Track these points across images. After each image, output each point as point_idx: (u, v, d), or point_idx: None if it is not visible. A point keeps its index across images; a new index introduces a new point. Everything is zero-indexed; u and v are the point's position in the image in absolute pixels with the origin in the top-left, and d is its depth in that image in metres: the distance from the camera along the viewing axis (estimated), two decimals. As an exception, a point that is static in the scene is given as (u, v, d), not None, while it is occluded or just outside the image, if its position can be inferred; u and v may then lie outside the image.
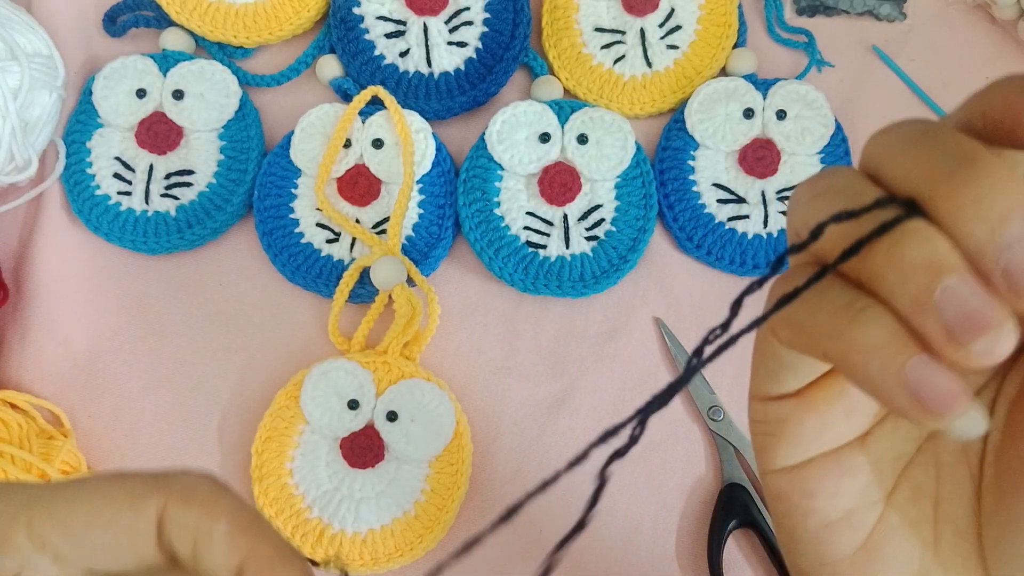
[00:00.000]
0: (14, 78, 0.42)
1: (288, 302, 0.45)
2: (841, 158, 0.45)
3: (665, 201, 0.45)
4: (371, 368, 0.42)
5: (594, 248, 0.44)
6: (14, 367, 0.44)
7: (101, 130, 0.46)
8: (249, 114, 0.46)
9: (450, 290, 0.45)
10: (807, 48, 0.48)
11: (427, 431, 0.41)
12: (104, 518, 0.22)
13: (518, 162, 0.44)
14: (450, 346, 0.45)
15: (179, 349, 0.45)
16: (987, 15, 0.49)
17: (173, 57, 0.46)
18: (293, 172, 0.45)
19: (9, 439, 0.40)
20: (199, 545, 0.23)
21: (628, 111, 0.47)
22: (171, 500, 0.23)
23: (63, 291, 0.45)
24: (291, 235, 0.44)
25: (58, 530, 0.22)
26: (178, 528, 0.23)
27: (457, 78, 0.46)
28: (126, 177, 0.45)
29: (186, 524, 0.22)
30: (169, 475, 0.23)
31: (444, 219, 0.45)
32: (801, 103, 0.45)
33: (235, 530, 0.23)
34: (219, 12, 0.47)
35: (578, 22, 0.47)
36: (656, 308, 0.45)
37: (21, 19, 0.44)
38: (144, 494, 0.23)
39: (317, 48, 0.48)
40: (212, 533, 0.22)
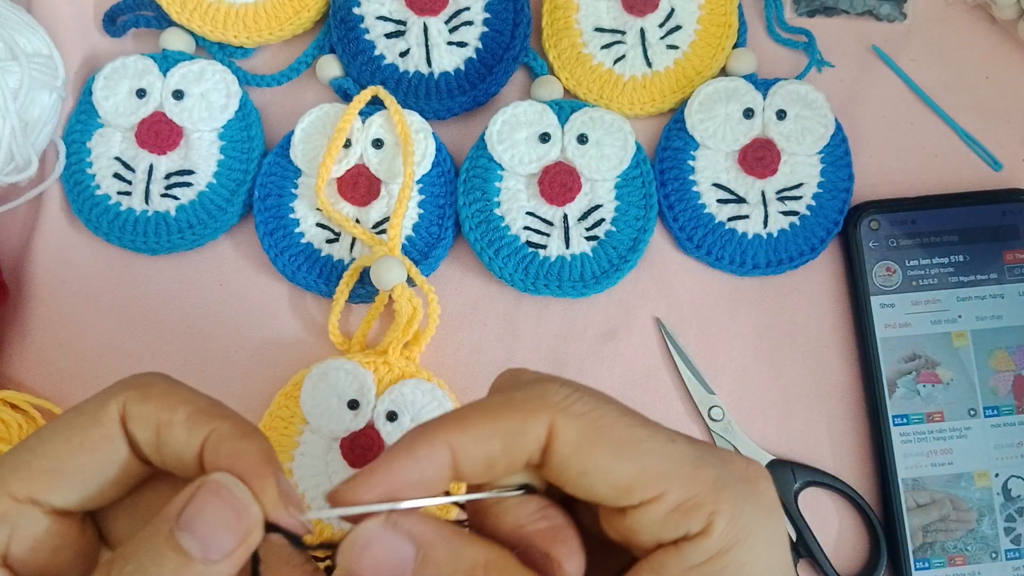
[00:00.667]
0: (14, 78, 0.42)
1: (288, 302, 0.45)
2: (841, 158, 0.45)
3: (665, 201, 0.45)
4: (371, 368, 0.42)
5: (594, 248, 0.44)
6: (14, 367, 0.45)
7: (101, 130, 0.46)
8: (249, 114, 0.46)
9: (450, 290, 0.45)
10: (807, 48, 0.48)
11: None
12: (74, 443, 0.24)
13: (518, 162, 0.44)
14: (450, 346, 0.45)
15: (179, 349, 0.45)
16: (987, 15, 0.49)
17: (173, 57, 0.46)
18: (293, 172, 0.45)
19: (9, 439, 0.40)
20: (161, 433, 0.24)
21: (628, 111, 0.47)
22: (129, 399, 0.24)
23: (63, 291, 0.45)
24: (291, 235, 0.44)
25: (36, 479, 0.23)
26: (140, 422, 0.24)
27: (457, 78, 0.46)
28: (126, 177, 0.45)
29: (147, 417, 0.24)
30: (124, 380, 0.24)
31: (444, 219, 0.45)
32: (801, 103, 0.45)
33: (194, 414, 0.24)
34: (219, 12, 0.47)
35: (578, 22, 0.47)
36: (656, 308, 0.45)
37: (21, 19, 0.44)
38: (102, 403, 0.24)
39: (317, 48, 0.48)
40: (172, 421, 0.24)
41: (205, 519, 0.22)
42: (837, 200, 0.45)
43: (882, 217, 0.45)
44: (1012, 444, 0.42)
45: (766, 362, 0.44)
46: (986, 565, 0.42)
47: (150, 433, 0.24)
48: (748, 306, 0.45)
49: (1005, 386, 0.43)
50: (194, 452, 0.24)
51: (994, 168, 0.47)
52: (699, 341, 0.45)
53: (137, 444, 0.24)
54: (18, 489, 0.23)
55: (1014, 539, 0.42)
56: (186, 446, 0.24)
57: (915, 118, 0.47)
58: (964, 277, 0.44)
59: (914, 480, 0.42)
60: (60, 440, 0.24)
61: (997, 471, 0.42)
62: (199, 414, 0.24)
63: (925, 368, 0.43)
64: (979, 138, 0.47)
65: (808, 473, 0.43)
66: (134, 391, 0.24)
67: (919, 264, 0.44)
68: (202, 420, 0.24)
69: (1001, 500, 0.42)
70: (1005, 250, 0.44)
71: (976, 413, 0.43)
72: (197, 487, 0.22)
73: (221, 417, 0.24)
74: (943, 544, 0.42)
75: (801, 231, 0.45)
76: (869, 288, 0.44)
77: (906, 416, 0.43)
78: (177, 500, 0.22)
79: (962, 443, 0.42)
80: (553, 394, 0.23)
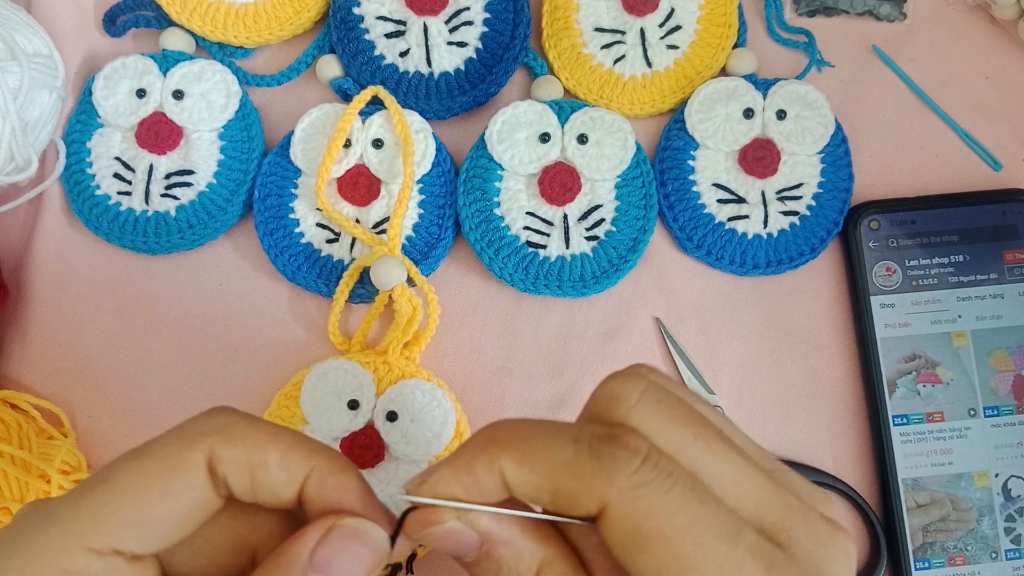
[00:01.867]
0: (14, 78, 0.42)
1: (288, 302, 0.45)
2: (841, 158, 0.45)
3: (665, 201, 0.45)
4: (371, 368, 0.42)
5: (594, 248, 0.44)
6: (14, 367, 0.45)
7: (101, 130, 0.46)
8: (249, 114, 0.46)
9: (450, 290, 0.45)
10: (807, 48, 0.48)
11: (427, 431, 0.41)
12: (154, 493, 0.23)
13: (518, 162, 0.44)
14: (450, 346, 0.45)
15: (179, 349, 0.45)
16: (987, 15, 0.49)
17: (173, 57, 0.46)
18: (293, 172, 0.45)
19: (9, 439, 0.40)
20: (256, 475, 0.24)
21: (628, 111, 0.47)
22: (215, 444, 0.23)
23: (63, 291, 0.45)
24: (291, 235, 0.44)
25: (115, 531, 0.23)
26: (232, 467, 0.23)
27: (457, 78, 0.46)
28: (126, 177, 0.45)
29: (238, 461, 0.23)
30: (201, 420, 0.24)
31: (444, 219, 0.45)
32: (801, 103, 0.45)
33: (287, 453, 0.24)
34: (219, 12, 0.47)
35: (578, 22, 0.47)
36: (656, 308, 0.45)
37: (21, 19, 0.44)
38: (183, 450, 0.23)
39: (317, 48, 0.48)
40: (266, 462, 0.24)
41: (343, 562, 0.23)
42: (837, 200, 0.45)
43: (882, 217, 0.45)
44: (1012, 444, 0.42)
45: (766, 362, 0.44)
46: (986, 565, 0.42)
47: (244, 476, 0.24)
48: (748, 306, 0.45)
49: (1005, 386, 0.43)
50: (293, 491, 0.24)
51: (994, 168, 0.47)
52: (699, 341, 0.45)
53: (228, 486, 0.24)
54: (96, 542, 0.23)
55: (1014, 539, 0.42)
56: (285, 485, 0.24)
57: (915, 118, 0.47)
58: (964, 277, 0.44)
59: (914, 480, 0.42)
60: (139, 490, 0.23)
61: (997, 471, 0.42)
62: (291, 452, 0.24)
63: (925, 368, 0.43)
64: (979, 138, 0.47)
65: (808, 473, 0.43)
66: (217, 436, 0.24)
67: (919, 264, 0.44)
68: (297, 458, 0.24)
69: (1001, 500, 0.42)
70: (1005, 250, 0.44)
71: (976, 413, 0.43)
72: (328, 529, 0.23)
73: (315, 452, 0.24)
74: (943, 544, 0.42)
75: (801, 231, 0.45)
76: (869, 288, 0.44)
77: (906, 416, 0.43)
78: (305, 541, 0.23)
79: (962, 443, 0.42)
80: (621, 471, 0.22)
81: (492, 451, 0.23)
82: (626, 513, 0.21)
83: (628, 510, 0.21)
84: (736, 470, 0.23)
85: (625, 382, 0.24)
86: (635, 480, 0.21)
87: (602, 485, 0.22)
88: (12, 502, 0.39)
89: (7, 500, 0.39)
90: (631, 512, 0.21)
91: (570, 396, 0.44)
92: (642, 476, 0.22)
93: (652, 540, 0.21)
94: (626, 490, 0.21)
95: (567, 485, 0.22)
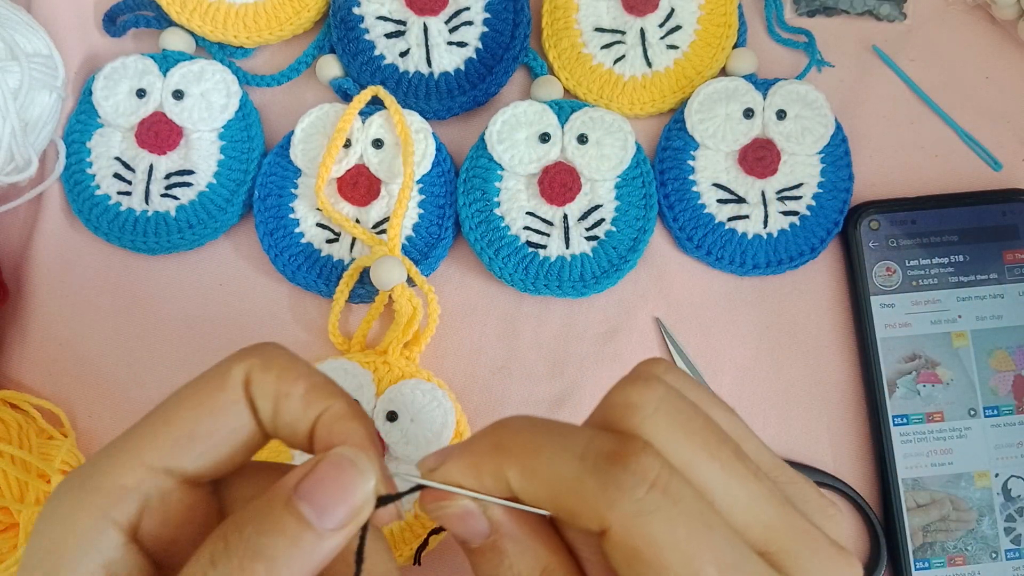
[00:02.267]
0: (14, 78, 0.42)
1: (288, 302, 0.45)
2: (841, 158, 0.45)
3: (665, 201, 0.45)
4: (371, 368, 0.42)
5: (594, 248, 0.44)
6: (14, 367, 0.45)
7: (101, 130, 0.46)
8: (249, 114, 0.46)
9: (450, 290, 0.45)
10: (807, 48, 0.48)
11: (427, 431, 0.41)
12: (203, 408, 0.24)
13: (518, 162, 0.44)
14: (450, 346, 0.45)
15: (179, 349, 0.45)
16: (987, 15, 0.49)
17: (173, 57, 0.46)
18: (293, 172, 0.45)
19: (9, 439, 0.40)
20: (279, 404, 0.25)
21: (628, 111, 0.47)
22: (253, 366, 0.25)
23: (63, 291, 0.45)
24: (291, 235, 0.44)
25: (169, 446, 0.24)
26: (261, 390, 0.24)
27: (457, 78, 0.46)
28: (126, 177, 0.45)
29: (268, 386, 0.24)
30: (248, 348, 0.25)
31: (444, 219, 0.45)
32: (801, 103, 0.45)
33: (311, 390, 0.25)
34: (219, 12, 0.47)
35: (578, 22, 0.47)
36: (656, 308, 0.45)
37: (21, 19, 0.44)
38: (227, 368, 0.25)
39: (317, 48, 0.48)
40: (291, 393, 0.24)
41: (324, 489, 0.23)
42: (837, 200, 0.45)
43: (882, 217, 0.45)
44: (1012, 444, 0.42)
45: (766, 362, 0.44)
46: (986, 565, 0.42)
47: (269, 402, 0.25)
48: (748, 306, 0.45)
49: (1005, 386, 0.43)
50: (307, 426, 0.25)
51: (994, 168, 0.47)
52: (699, 341, 0.45)
53: (256, 411, 0.25)
54: (152, 458, 0.24)
55: (1014, 539, 0.42)
56: (301, 419, 0.25)
57: (915, 118, 0.47)
58: (964, 277, 0.44)
59: (914, 480, 0.42)
60: (189, 407, 0.24)
61: (997, 471, 0.42)
62: (316, 390, 0.25)
63: (925, 368, 0.43)
64: (979, 138, 0.47)
65: (808, 473, 0.43)
66: (257, 359, 0.25)
67: (919, 264, 0.44)
68: (318, 396, 0.25)
69: (1001, 500, 0.42)
70: (1005, 250, 0.44)
71: (976, 413, 0.43)
72: (318, 460, 0.23)
73: (335, 396, 0.25)
74: (943, 544, 0.42)
75: (801, 231, 0.45)
76: (869, 288, 0.44)
77: (906, 416, 0.43)
78: (296, 471, 0.23)
79: (962, 443, 0.42)
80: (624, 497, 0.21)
81: (498, 459, 0.23)
82: (627, 538, 0.21)
83: (629, 536, 0.21)
84: (748, 492, 0.23)
85: (643, 390, 0.23)
86: (638, 508, 0.21)
87: (604, 509, 0.21)
88: (12, 502, 0.39)
89: (7, 500, 0.39)
90: (632, 538, 0.21)
91: (570, 396, 0.44)
92: (646, 504, 0.21)
93: (650, 566, 0.21)
94: (628, 517, 0.21)
95: (570, 503, 0.22)
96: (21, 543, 0.39)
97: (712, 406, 0.24)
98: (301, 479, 0.23)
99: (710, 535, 0.21)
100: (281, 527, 0.22)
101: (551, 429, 0.23)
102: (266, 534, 0.22)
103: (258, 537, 0.22)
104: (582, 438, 0.22)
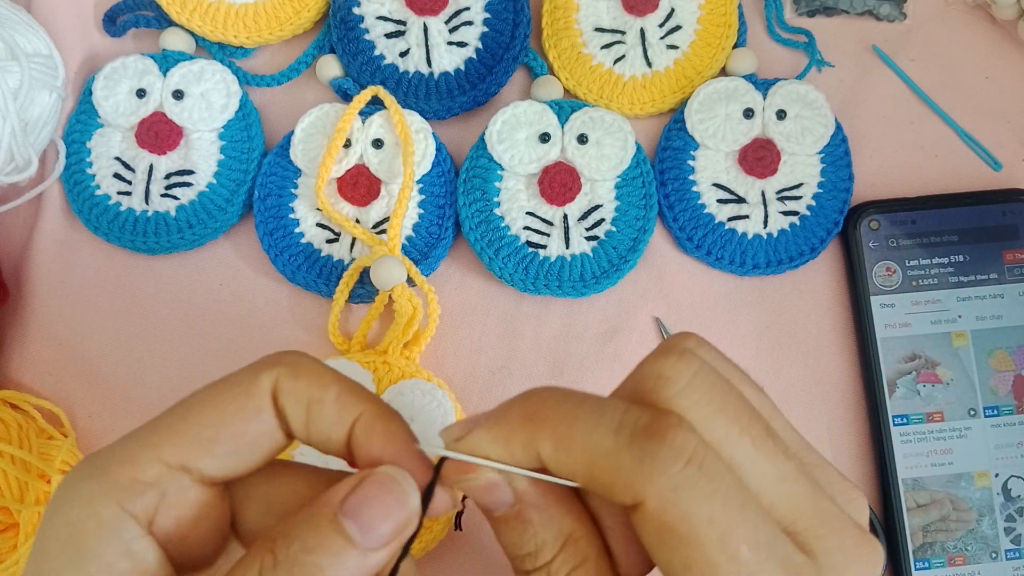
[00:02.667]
0: (14, 78, 0.42)
1: (288, 302, 0.45)
2: (841, 158, 0.45)
3: (665, 201, 0.45)
4: (371, 368, 0.42)
5: (594, 248, 0.44)
6: (14, 367, 0.45)
7: (101, 130, 0.46)
8: (249, 114, 0.46)
9: (450, 290, 0.45)
10: (807, 48, 0.48)
11: (427, 431, 0.41)
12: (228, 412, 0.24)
13: (518, 162, 0.44)
14: (450, 346, 0.45)
15: (179, 349, 0.45)
16: (987, 15, 0.49)
17: (173, 57, 0.46)
18: (293, 172, 0.45)
19: (9, 439, 0.40)
20: (312, 410, 0.24)
21: (628, 111, 0.47)
22: (282, 374, 0.24)
23: (63, 291, 0.45)
24: (291, 235, 0.44)
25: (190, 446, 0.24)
26: (292, 397, 0.24)
27: (457, 78, 0.46)
28: (126, 177, 0.45)
29: (299, 393, 0.24)
30: (272, 356, 0.25)
31: (444, 219, 0.45)
32: (801, 103, 0.45)
33: (343, 394, 0.25)
34: (219, 12, 0.47)
35: (578, 22, 0.47)
36: (656, 308, 0.45)
37: (21, 19, 0.44)
38: (254, 375, 0.24)
39: (317, 48, 0.48)
40: (323, 399, 0.24)
41: (370, 508, 0.23)
42: (837, 200, 0.45)
43: (882, 217, 0.45)
44: (1012, 444, 0.42)
45: (766, 362, 0.44)
46: (986, 565, 0.42)
47: (301, 409, 0.24)
48: (748, 306, 0.45)
49: (1005, 386, 0.43)
50: (343, 431, 0.25)
51: (994, 168, 0.47)
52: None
53: (286, 418, 0.25)
54: (172, 455, 0.24)
55: (1014, 539, 0.42)
56: (336, 424, 0.25)
57: (915, 118, 0.47)
58: (964, 277, 0.44)
59: (914, 480, 0.42)
60: (213, 408, 0.24)
61: (997, 471, 0.42)
62: (348, 394, 0.25)
63: (925, 368, 0.43)
64: (979, 138, 0.47)
65: (808, 473, 0.43)
66: (285, 367, 0.25)
67: (919, 264, 0.44)
68: (352, 400, 0.25)
69: (1001, 500, 0.42)
70: (1005, 250, 0.44)
71: (976, 413, 0.43)
72: (363, 477, 0.23)
73: (368, 399, 0.25)
74: (943, 544, 0.42)
75: (801, 231, 0.45)
76: (869, 288, 0.44)
77: (906, 416, 0.43)
78: (340, 487, 0.23)
79: (962, 443, 0.42)
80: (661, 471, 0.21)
81: (531, 429, 0.23)
82: (662, 513, 0.21)
83: (664, 511, 0.21)
84: (777, 471, 0.22)
85: (677, 362, 0.23)
86: (675, 482, 0.21)
87: (640, 483, 0.21)
88: (12, 502, 0.39)
89: (7, 500, 0.39)
90: (667, 513, 0.21)
91: (570, 396, 0.44)
92: (683, 479, 0.21)
93: (684, 542, 0.21)
94: (665, 491, 0.21)
95: (604, 476, 0.22)
96: (21, 543, 0.39)
97: (743, 382, 0.24)
98: (347, 495, 0.23)
99: (744, 513, 0.21)
100: (328, 545, 0.22)
101: (584, 401, 0.23)
102: (313, 552, 0.22)
103: (305, 555, 0.22)
104: (617, 411, 0.22)
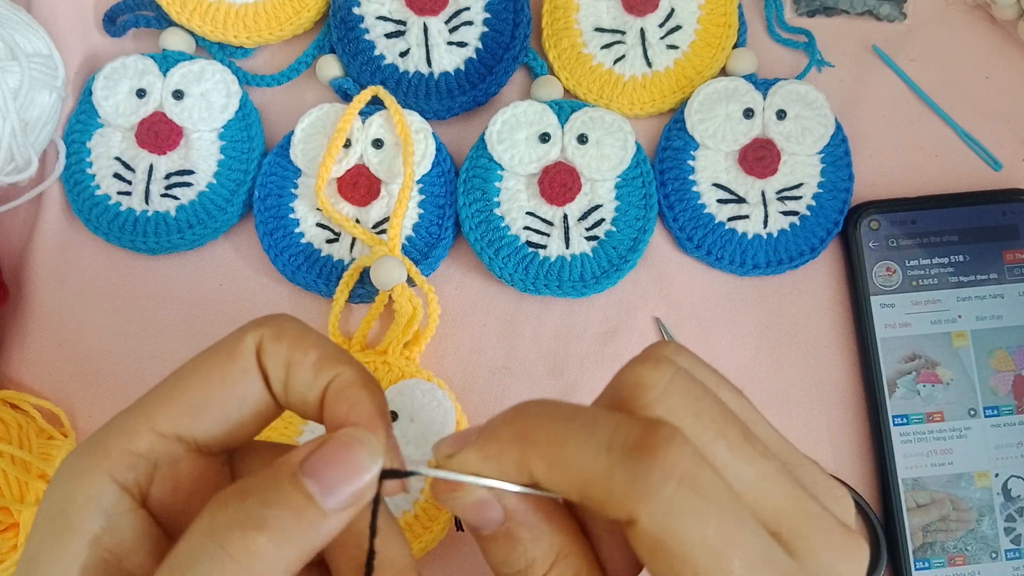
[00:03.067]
0: (14, 78, 0.42)
1: (288, 302, 0.45)
2: (841, 158, 0.45)
3: (665, 201, 0.45)
4: (371, 368, 0.42)
5: (594, 248, 0.44)
6: (14, 367, 0.45)
7: (101, 130, 0.46)
8: (249, 114, 0.46)
9: (450, 290, 0.45)
10: (807, 48, 0.48)
11: (427, 431, 0.41)
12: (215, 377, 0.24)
13: (518, 162, 0.44)
14: (450, 346, 0.45)
15: (179, 349, 0.45)
16: (987, 15, 0.49)
17: (173, 57, 0.46)
18: (293, 172, 0.45)
19: (9, 439, 0.40)
20: (291, 372, 0.25)
21: (628, 111, 0.47)
22: (265, 335, 0.25)
23: (63, 291, 0.45)
24: (291, 235, 0.44)
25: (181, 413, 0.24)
26: (273, 358, 0.25)
27: (457, 78, 0.46)
28: (126, 177, 0.45)
29: (280, 354, 0.25)
30: (259, 318, 0.26)
31: (444, 219, 0.45)
32: (801, 103, 0.45)
33: (322, 358, 0.25)
34: (219, 12, 0.47)
35: (578, 22, 0.47)
36: (656, 308, 0.45)
37: (21, 19, 0.44)
38: (239, 337, 0.25)
39: (317, 48, 0.48)
40: (302, 361, 0.25)
41: (330, 469, 0.23)
42: (837, 200, 0.45)
43: (882, 217, 0.45)
44: (1012, 444, 0.42)
45: (766, 362, 0.44)
46: (986, 565, 0.42)
47: (281, 371, 0.25)
48: (748, 306, 0.45)
49: (1005, 386, 0.43)
50: (317, 394, 0.25)
51: (994, 168, 0.47)
52: (699, 341, 0.45)
53: (268, 380, 0.25)
54: (164, 424, 0.24)
55: (1014, 539, 0.42)
56: (311, 387, 0.25)
57: (915, 118, 0.47)
58: (964, 277, 0.44)
59: (914, 480, 0.42)
60: (201, 375, 0.24)
61: (997, 471, 0.42)
62: (327, 358, 0.25)
63: (925, 368, 0.43)
64: (979, 138, 0.47)
65: (808, 473, 0.43)
66: (269, 328, 0.25)
67: (919, 264, 0.44)
68: (329, 364, 0.25)
69: (1001, 500, 0.42)
70: (1005, 250, 0.44)
71: (976, 413, 0.43)
72: (326, 439, 0.23)
73: (346, 363, 0.25)
74: (943, 544, 0.42)
75: (801, 231, 0.45)
76: (869, 288, 0.44)
77: (906, 416, 0.43)
78: (304, 447, 0.23)
79: (962, 443, 0.42)
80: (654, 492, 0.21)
81: (522, 449, 0.23)
82: (655, 531, 0.21)
83: (658, 529, 0.21)
84: (756, 473, 0.22)
85: (653, 370, 0.23)
86: (667, 504, 0.21)
87: (633, 503, 0.21)
88: (12, 502, 0.39)
89: (7, 500, 0.39)
90: (660, 532, 0.21)
91: (570, 396, 0.44)
92: (676, 499, 0.21)
93: (678, 559, 0.21)
94: (657, 513, 0.21)
95: (598, 495, 0.22)
96: (21, 543, 0.39)
97: (721, 387, 0.24)
98: (308, 455, 0.23)
99: (739, 530, 0.21)
100: (286, 501, 0.22)
101: (574, 416, 0.23)
102: (270, 506, 0.21)
103: (262, 508, 0.21)
104: (607, 427, 0.22)
